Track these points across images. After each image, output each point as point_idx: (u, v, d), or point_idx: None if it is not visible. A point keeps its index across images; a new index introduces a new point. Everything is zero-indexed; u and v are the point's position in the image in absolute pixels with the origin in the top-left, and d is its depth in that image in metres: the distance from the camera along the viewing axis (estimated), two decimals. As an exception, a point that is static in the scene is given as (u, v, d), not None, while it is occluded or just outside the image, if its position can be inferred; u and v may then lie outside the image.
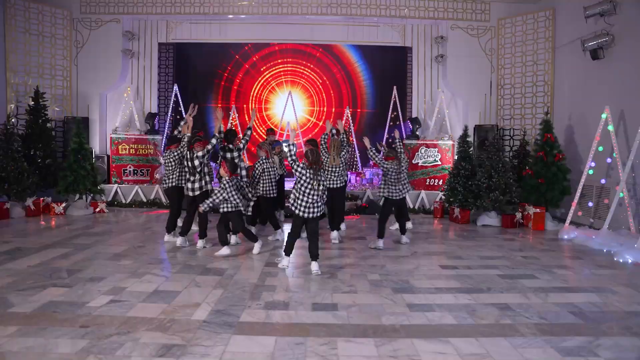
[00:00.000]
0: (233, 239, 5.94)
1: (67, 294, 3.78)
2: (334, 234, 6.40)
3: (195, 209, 5.69)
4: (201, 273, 4.54)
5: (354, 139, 10.43)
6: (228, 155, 5.76)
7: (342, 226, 7.34)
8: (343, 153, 6.34)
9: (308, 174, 4.55)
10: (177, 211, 6.05)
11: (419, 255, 5.68)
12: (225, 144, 5.85)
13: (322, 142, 6.30)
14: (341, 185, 6.32)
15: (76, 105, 9.75)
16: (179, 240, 5.66)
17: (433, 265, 5.19)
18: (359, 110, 11.13)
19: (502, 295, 4.14)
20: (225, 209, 5.21)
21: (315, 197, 4.58)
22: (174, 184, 5.91)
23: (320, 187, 4.59)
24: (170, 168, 5.91)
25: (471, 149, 8.82)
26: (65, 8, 9.58)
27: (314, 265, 4.64)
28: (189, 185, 5.55)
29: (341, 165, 6.26)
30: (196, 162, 5.41)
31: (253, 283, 4.25)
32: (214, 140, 5.54)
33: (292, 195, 4.73)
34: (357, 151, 10.62)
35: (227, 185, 5.13)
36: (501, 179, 7.92)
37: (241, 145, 5.81)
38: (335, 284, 4.33)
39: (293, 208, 4.65)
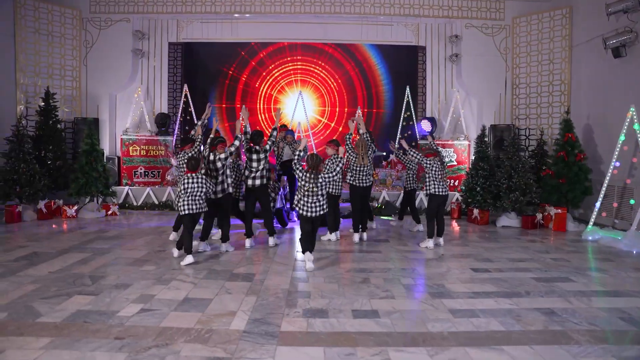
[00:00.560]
0: (271, 240, 5.85)
1: (94, 303, 3.62)
2: (365, 235, 6.31)
3: (215, 213, 5.52)
4: (229, 279, 4.38)
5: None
6: (254, 156, 5.65)
7: (374, 225, 7.26)
8: (370, 152, 6.22)
9: (306, 178, 4.83)
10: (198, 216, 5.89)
11: (446, 258, 5.54)
12: (252, 145, 5.73)
13: (348, 141, 6.16)
14: (369, 184, 6.22)
15: (85, 106, 9.59)
16: (201, 246, 5.49)
17: (464, 268, 5.04)
18: (374, 110, 10.97)
19: (543, 299, 4.00)
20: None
21: (315, 198, 4.86)
22: None
23: (319, 190, 4.86)
24: (185, 170, 5.75)
25: (489, 149, 8.70)
26: (75, 8, 9.43)
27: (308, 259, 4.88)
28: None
29: (369, 164, 6.16)
30: (218, 164, 5.25)
31: (285, 289, 4.09)
32: (236, 142, 5.41)
33: (296, 197, 5.02)
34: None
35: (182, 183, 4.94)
36: (521, 180, 7.80)
37: (267, 147, 5.70)
38: (370, 289, 4.18)
39: (298, 209, 4.95)
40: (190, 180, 4.93)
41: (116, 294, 3.83)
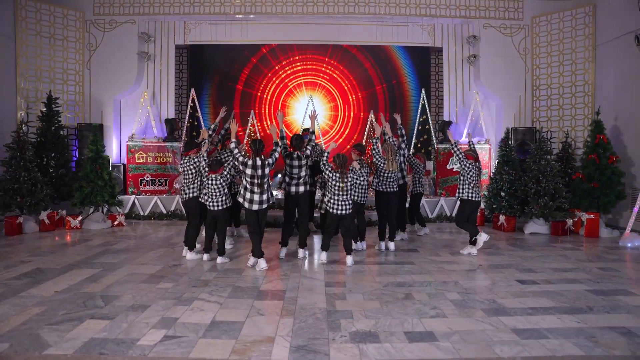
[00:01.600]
0: (301, 252, 5.47)
1: (110, 329, 3.16)
2: (391, 244, 5.89)
3: (258, 223, 4.99)
4: (257, 297, 3.93)
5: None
6: (296, 162, 5.32)
7: (405, 235, 6.81)
8: (397, 157, 5.84)
9: (335, 177, 5.03)
10: (199, 225, 5.44)
11: (485, 268, 5.11)
12: (292, 150, 5.41)
13: (374, 146, 5.78)
14: (397, 189, 5.83)
15: (89, 111, 9.17)
16: (261, 263, 4.92)
17: (508, 280, 4.61)
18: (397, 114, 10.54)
19: (611, 316, 3.57)
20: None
21: (345, 196, 5.08)
22: (194, 194, 5.30)
23: (349, 187, 5.08)
24: (190, 177, 5.29)
25: (513, 152, 8.32)
26: (78, 9, 9.05)
27: (349, 259, 5.13)
28: (255, 197, 4.85)
29: (397, 169, 5.80)
30: (266, 170, 4.84)
31: (323, 308, 3.64)
32: (279, 149, 5.04)
33: (326, 197, 5.25)
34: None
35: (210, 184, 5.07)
36: (550, 184, 7.41)
37: (308, 152, 5.40)
38: (416, 306, 3.74)
39: (328, 208, 5.16)
40: (210, 182, 5.03)
41: (134, 318, 3.37)
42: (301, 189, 5.35)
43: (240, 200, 4.93)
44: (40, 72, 8.58)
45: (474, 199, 5.58)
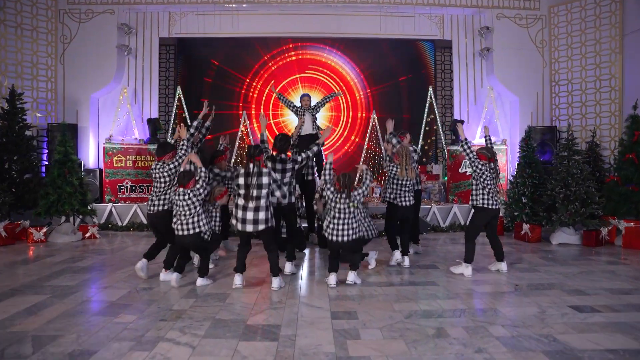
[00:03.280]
0: (288, 267, 4.68)
1: (27, 391, 2.20)
2: (406, 260, 4.98)
3: (248, 248, 4.18)
4: (243, 336, 2.97)
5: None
6: (279, 166, 4.49)
7: (419, 248, 5.90)
8: (413, 162, 4.96)
9: (336, 198, 4.19)
10: (173, 241, 4.44)
11: (524, 290, 4.18)
12: (276, 152, 4.56)
13: (384, 150, 4.91)
14: (412, 202, 4.97)
15: (62, 110, 8.22)
16: (236, 279, 4.09)
17: (559, 306, 3.69)
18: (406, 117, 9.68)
19: None
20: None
21: (347, 221, 4.20)
22: (165, 207, 4.32)
23: (353, 209, 4.20)
24: (164, 185, 4.31)
25: (535, 153, 7.46)
26: (50, -3, 8.19)
27: (351, 275, 4.32)
28: (248, 216, 3.95)
29: (414, 177, 4.92)
30: (264, 180, 3.93)
31: (331, 353, 2.69)
32: (283, 155, 4.19)
33: (325, 222, 4.39)
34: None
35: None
36: (581, 188, 6.53)
37: (299, 158, 4.56)
38: (455, 347, 2.80)
39: (326, 235, 4.30)
40: (177, 198, 4.05)
41: (67, 373, 2.41)
42: (286, 199, 4.52)
43: (233, 221, 4.06)
44: (5, 66, 7.65)
45: (491, 206, 4.61)
